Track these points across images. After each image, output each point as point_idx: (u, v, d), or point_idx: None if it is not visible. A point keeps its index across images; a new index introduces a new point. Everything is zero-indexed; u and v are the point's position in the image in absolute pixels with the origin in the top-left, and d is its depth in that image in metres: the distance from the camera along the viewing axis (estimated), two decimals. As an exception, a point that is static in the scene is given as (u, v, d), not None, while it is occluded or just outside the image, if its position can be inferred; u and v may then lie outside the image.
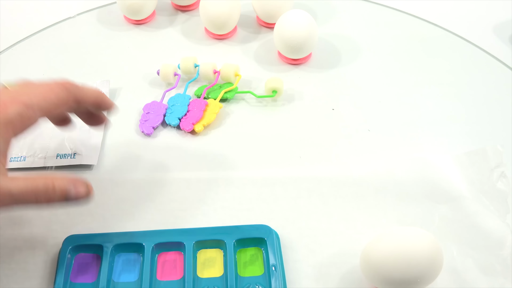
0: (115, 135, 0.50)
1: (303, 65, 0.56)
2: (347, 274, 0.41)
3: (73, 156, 0.47)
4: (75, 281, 0.40)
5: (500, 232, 0.42)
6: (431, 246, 0.36)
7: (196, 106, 0.51)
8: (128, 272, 0.40)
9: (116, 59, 0.57)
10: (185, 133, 0.50)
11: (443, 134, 0.50)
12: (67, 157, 0.47)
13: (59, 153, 0.47)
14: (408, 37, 0.60)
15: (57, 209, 0.44)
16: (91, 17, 0.61)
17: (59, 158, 0.47)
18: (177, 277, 0.40)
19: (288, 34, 0.53)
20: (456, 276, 0.40)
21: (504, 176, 0.44)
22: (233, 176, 0.46)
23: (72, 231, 0.42)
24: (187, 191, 0.45)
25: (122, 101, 0.52)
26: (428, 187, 0.45)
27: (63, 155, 0.47)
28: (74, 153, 0.47)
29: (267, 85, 0.52)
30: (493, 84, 0.55)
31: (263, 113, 0.52)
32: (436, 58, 0.57)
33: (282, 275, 0.40)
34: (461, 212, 0.43)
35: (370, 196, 0.45)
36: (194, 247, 0.41)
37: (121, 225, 0.43)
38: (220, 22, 0.56)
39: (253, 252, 0.41)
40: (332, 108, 0.52)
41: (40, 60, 0.56)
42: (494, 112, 0.52)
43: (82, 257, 0.41)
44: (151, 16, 0.61)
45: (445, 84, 0.55)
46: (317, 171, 0.47)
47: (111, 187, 0.45)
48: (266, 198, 0.45)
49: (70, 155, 0.47)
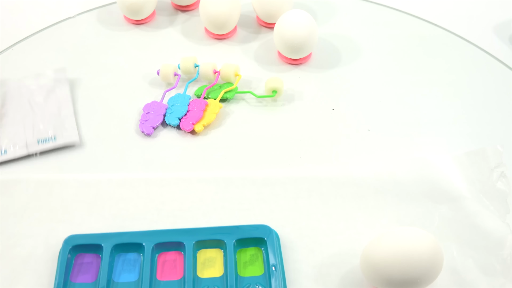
0: (115, 135, 0.50)
1: (303, 65, 0.56)
2: (347, 274, 0.41)
3: (53, 138, 0.47)
4: (75, 281, 0.40)
5: (500, 232, 0.42)
6: (431, 247, 0.36)
7: (196, 106, 0.51)
8: (128, 272, 0.40)
9: (116, 59, 0.57)
10: (185, 133, 0.50)
11: (443, 134, 0.50)
12: (49, 140, 0.47)
13: (39, 139, 0.47)
14: (408, 37, 0.60)
15: (57, 209, 0.44)
16: (91, 17, 0.61)
17: (41, 144, 0.47)
18: (177, 277, 0.40)
19: (288, 34, 0.53)
20: (456, 276, 0.40)
21: (504, 176, 0.44)
22: (233, 176, 0.46)
23: (72, 231, 0.42)
24: (187, 191, 0.45)
25: (122, 101, 0.52)
26: (428, 187, 0.45)
27: (43, 139, 0.47)
28: (54, 135, 0.47)
29: (267, 85, 0.52)
30: (493, 84, 0.55)
31: (263, 113, 0.52)
32: (436, 58, 0.57)
33: (282, 275, 0.40)
34: (461, 212, 0.43)
35: (370, 196, 0.45)
36: (194, 247, 0.41)
37: (121, 225, 0.43)
38: (220, 22, 0.56)
39: (253, 252, 0.41)
40: (332, 108, 0.52)
41: (40, 60, 0.56)
42: (494, 112, 0.52)
43: (82, 257, 0.41)
44: (151, 16, 0.61)
45: (445, 84, 0.55)
46: (317, 171, 0.47)
47: (111, 187, 0.45)
48: (266, 198, 0.45)
49: (51, 138, 0.47)
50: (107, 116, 0.51)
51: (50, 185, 0.45)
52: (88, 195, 0.45)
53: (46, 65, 0.55)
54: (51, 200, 0.44)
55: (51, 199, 0.44)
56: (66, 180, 0.46)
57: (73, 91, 0.53)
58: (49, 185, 0.45)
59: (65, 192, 0.45)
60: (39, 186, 0.45)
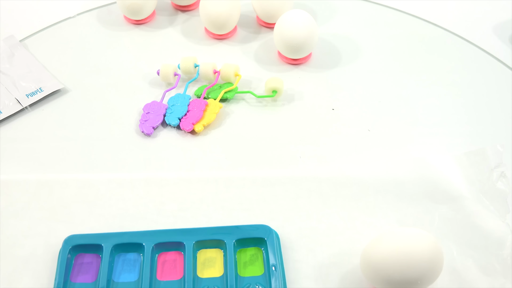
0: (115, 135, 0.50)
1: (303, 65, 0.56)
2: (347, 274, 0.41)
3: (40, 90, 0.51)
4: (75, 281, 0.40)
5: (500, 232, 0.42)
6: (431, 247, 0.36)
7: (196, 106, 0.51)
8: (128, 272, 0.40)
9: (116, 59, 0.57)
10: (185, 133, 0.50)
11: (443, 134, 0.50)
12: (37, 92, 0.51)
13: (27, 93, 0.51)
14: (408, 37, 0.60)
15: (57, 209, 0.44)
16: (91, 17, 0.61)
17: (30, 97, 0.51)
18: (177, 277, 0.40)
19: (288, 34, 0.53)
20: (456, 276, 0.40)
21: (504, 176, 0.44)
22: (233, 176, 0.46)
23: (72, 231, 0.42)
24: (187, 191, 0.45)
25: (122, 101, 0.52)
26: (428, 187, 0.45)
27: (31, 93, 0.51)
28: (39, 87, 0.51)
29: (267, 85, 0.52)
30: (493, 84, 0.55)
31: (263, 113, 0.52)
32: (436, 58, 0.57)
33: (282, 275, 0.40)
34: (461, 212, 0.43)
35: (370, 196, 0.45)
36: (194, 247, 0.41)
37: (121, 225, 0.43)
38: (220, 22, 0.56)
39: (253, 252, 0.41)
40: (332, 108, 0.52)
41: (40, 60, 0.56)
42: (494, 112, 0.52)
43: (82, 257, 0.41)
44: (151, 16, 0.61)
45: (445, 84, 0.55)
46: (317, 171, 0.47)
47: (111, 187, 0.45)
48: (266, 198, 0.45)
49: (38, 90, 0.51)
50: (107, 116, 0.51)
51: (50, 185, 0.45)
52: (88, 195, 0.45)
53: (46, 65, 0.55)
54: (51, 200, 0.44)
55: (51, 199, 0.44)
56: (66, 180, 0.46)
57: (73, 91, 0.53)
58: (49, 185, 0.45)
59: (65, 192, 0.45)
60: (39, 186, 0.45)
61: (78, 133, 0.50)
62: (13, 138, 0.49)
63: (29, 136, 0.49)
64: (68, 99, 0.52)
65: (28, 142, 0.49)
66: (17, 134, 0.49)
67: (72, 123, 0.51)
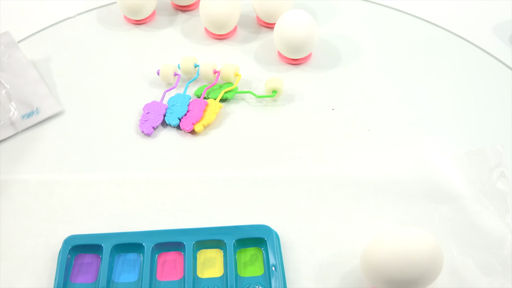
0: (115, 135, 0.50)
1: (303, 65, 0.56)
2: (347, 274, 0.41)
3: (37, 112, 0.47)
4: (75, 281, 0.40)
5: (500, 232, 0.42)
6: (431, 247, 0.36)
7: (196, 106, 0.51)
8: (128, 272, 0.40)
9: (116, 59, 0.57)
10: (185, 133, 0.50)
11: (443, 134, 0.50)
12: (33, 114, 0.47)
13: (23, 114, 0.47)
14: (408, 37, 0.60)
15: (57, 209, 0.44)
16: (91, 17, 0.61)
17: (25, 119, 0.47)
18: (177, 277, 0.40)
19: (288, 34, 0.53)
20: (456, 276, 0.40)
21: (504, 176, 0.44)
22: (233, 176, 0.46)
23: (72, 231, 0.42)
24: (187, 191, 0.45)
25: (122, 101, 0.52)
26: (428, 187, 0.45)
27: (27, 114, 0.47)
28: (36, 108, 0.47)
29: (267, 85, 0.52)
30: (493, 84, 0.55)
31: (263, 113, 0.52)
32: (436, 58, 0.57)
33: (282, 275, 0.40)
34: (461, 212, 0.43)
35: (370, 196, 0.45)
36: (194, 247, 0.41)
37: (121, 225, 0.43)
38: (220, 22, 0.56)
39: (253, 252, 0.41)
40: (332, 108, 0.52)
41: (40, 60, 0.56)
42: (494, 112, 0.52)
43: (82, 257, 0.41)
44: (151, 16, 0.61)
45: (445, 84, 0.55)
46: (317, 171, 0.47)
47: (111, 187, 0.45)
48: (266, 198, 0.45)
49: (34, 112, 0.47)
50: (107, 116, 0.51)
51: (50, 185, 0.45)
52: (88, 195, 0.45)
53: (46, 65, 0.55)
54: (51, 200, 0.44)
55: (51, 199, 0.44)
56: (66, 180, 0.46)
57: (73, 91, 0.53)
58: (49, 185, 0.45)
59: (65, 192, 0.45)
60: (39, 186, 0.45)
61: (78, 133, 0.50)
62: (13, 138, 0.49)
63: (29, 136, 0.49)
64: (68, 99, 0.52)
65: (28, 142, 0.49)
66: (16, 134, 0.49)
67: (72, 123, 0.51)
